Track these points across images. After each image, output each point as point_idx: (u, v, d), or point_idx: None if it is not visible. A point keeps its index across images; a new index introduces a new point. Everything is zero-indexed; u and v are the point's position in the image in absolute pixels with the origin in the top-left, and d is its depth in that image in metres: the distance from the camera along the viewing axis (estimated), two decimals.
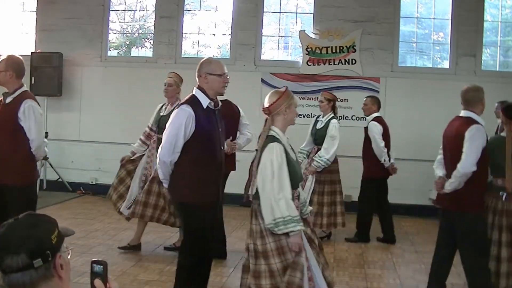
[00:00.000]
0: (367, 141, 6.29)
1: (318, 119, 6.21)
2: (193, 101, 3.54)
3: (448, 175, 3.84)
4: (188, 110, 3.47)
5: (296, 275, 2.99)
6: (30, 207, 4.11)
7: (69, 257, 1.53)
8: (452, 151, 3.85)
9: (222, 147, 3.69)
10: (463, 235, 3.83)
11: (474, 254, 3.79)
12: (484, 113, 3.95)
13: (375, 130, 6.19)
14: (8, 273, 1.39)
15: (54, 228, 1.48)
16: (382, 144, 6.15)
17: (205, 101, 3.55)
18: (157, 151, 5.24)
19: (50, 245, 1.44)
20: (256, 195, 3.16)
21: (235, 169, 5.38)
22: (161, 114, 5.36)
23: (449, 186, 3.78)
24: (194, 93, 3.60)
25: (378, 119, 6.32)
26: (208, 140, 3.54)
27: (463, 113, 3.94)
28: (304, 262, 3.04)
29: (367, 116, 6.41)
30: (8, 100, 4.17)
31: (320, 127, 6.03)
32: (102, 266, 1.50)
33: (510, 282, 3.82)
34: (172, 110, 5.21)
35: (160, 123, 5.26)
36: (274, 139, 3.15)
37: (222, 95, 3.75)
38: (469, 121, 3.82)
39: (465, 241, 3.82)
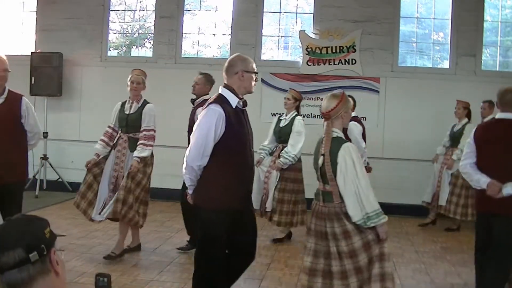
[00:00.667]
0: (348, 139, 6.23)
1: (281, 117, 6.19)
2: (221, 100, 3.33)
3: (499, 180, 3.66)
4: (218, 109, 3.26)
5: (386, 266, 3.17)
6: (21, 203, 4.27)
7: (62, 257, 1.54)
8: (508, 154, 3.71)
9: (251, 149, 3.52)
10: (504, 239, 3.70)
11: (505, 258, 3.73)
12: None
13: (356, 130, 6.13)
14: (5, 271, 1.39)
15: (46, 225, 1.50)
16: (364, 144, 6.10)
17: (234, 100, 3.36)
18: (130, 150, 5.06)
19: (44, 239, 1.46)
20: (334, 198, 3.19)
21: None
22: (127, 112, 5.14)
23: None
24: (221, 92, 3.40)
25: (357, 119, 6.28)
26: (238, 142, 3.36)
27: (503, 115, 3.83)
28: (388, 250, 3.22)
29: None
30: (1, 100, 4.21)
31: (284, 125, 6.03)
32: (106, 279, 1.51)
33: None
34: (140, 108, 5.10)
35: (129, 122, 5.11)
36: (343, 140, 3.26)
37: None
38: None
39: (503, 244, 3.71)
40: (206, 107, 3.33)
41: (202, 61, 8.54)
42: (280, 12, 8.66)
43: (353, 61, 8.10)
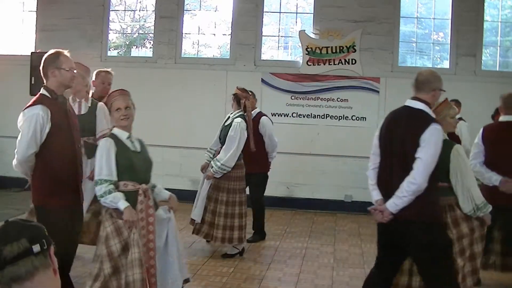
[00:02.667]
0: (255, 136, 5.89)
1: (230, 115, 5.58)
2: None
3: (509, 176, 4.09)
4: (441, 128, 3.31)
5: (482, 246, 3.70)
6: None
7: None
8: None
9: None
10: None
11: None
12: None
13: (270, 125, 6.08)
14: (9, 263, 1.42)
15: (43, 226, 1.54)
16: (277, 139, 6.09)
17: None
18: (88, 156, 4.28)
19: (44, 234, 1.50)
20: (447, 192, 3.52)
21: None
22: (77, 113, 4.28)
23: None
24: (422, 108, 3.33)
25: (265, 115, 6.22)
26: None
27: (508, 118, 4.25)
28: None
29: (251, 111, 6.04)
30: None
31: (226, 125, 5.43)
32: None
33: None
34: (91, 107, 4.46)
35: (84, 124, 4.31)
36: (451, 142, 3.64)
37: None
38: None
39: None
40: (430, 125, 3.19)
41: (202, 61, 8.54)
42: (280, 12, 8.66)
43: (353, 61, 8.10)
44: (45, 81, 3.53)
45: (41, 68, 3.54)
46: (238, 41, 8.37)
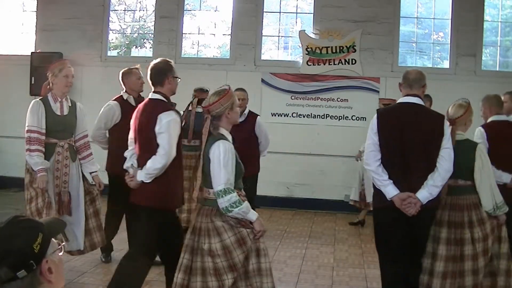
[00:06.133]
0: (250, 136, 5.80)
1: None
2: None
3: None
4: None
5: (503, 246, 3.76)
6: None
7: (61, 254, 1.45)
8: None
9: None
10: None
11: None
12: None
13: (264, 125, 5.97)
14: None
15: (36, 235, 1.37)
16: (270, 136, 6.02)
17: None
18: (73, 159, 4.30)
19: (33, 254, 1.35)
20: (472, 190, 3.64)
21: None
22: (59, 113, 4.30)
23: None
24: (422, 103, 3.66)
25: (258, 115, 6.04)
26: None
27: None
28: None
29: (244, 111, 5.88)
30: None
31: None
32: None
33: None
34: (72, 107, 4.39)
35: (67, 125, 4.37)
36: (473, 141, 3.81)
37: None
38: None
39: None
40: (444, 118, 3.55)
41: (202, 61, 8.54)
42: (280, 12, 8.66)
43: (353, 61, 8.10)
44: (158, 87, 3.68)
45: (154, 74, 3.66)
46: (238, 41, 8.37)
